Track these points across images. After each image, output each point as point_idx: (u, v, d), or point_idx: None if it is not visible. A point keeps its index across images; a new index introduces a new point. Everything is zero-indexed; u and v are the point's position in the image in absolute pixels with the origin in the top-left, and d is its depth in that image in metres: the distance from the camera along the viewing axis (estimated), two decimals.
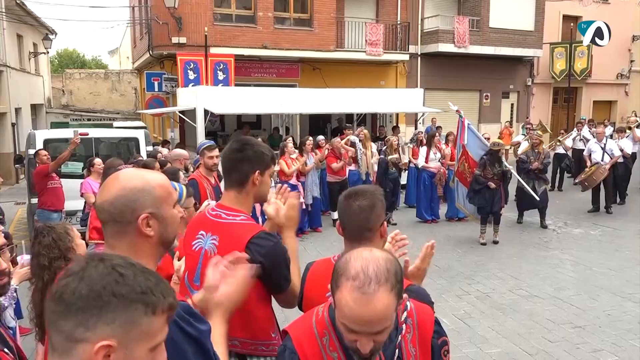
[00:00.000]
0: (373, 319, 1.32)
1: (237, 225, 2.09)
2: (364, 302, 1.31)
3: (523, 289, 6.57)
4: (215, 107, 11.13)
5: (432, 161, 10.32)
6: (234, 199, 2.17)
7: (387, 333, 1.37)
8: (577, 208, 11.32)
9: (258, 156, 2.18)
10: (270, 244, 2.05)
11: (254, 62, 16.59)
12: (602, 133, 10.95)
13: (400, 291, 1.38)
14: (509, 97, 21.92)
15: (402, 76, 19.07)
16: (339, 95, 13.07)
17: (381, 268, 1.35)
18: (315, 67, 17.14)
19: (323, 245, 8.55)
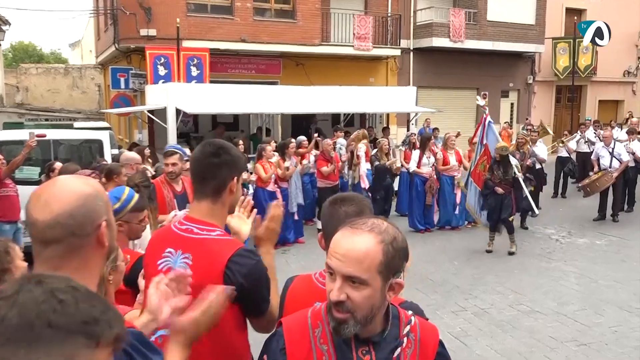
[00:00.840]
0: (350, 252, 1.42)
1: (213, 242, 2.03)
2: (349, 234, 1.46)
3: (524, 304, 6.66)
4: (188, 106, 11.10)
5: (424, 166, 10.43)
6: (207, 211, 2.09)
7: (363, 294, 1.42)
8: (581, 216, 11.51)
9: (236, 160, 2.15)
10: (252, 262, 2.01)
11: (231, 57, 16.60)
12: (609, 136, 11.15)
13: (390, 267, 1.44)
14: (509, 96, 22.22)
15: (393, 73, 19.23)
16: (324, 94, 13.13)
17: (383, 226, 1.47)
18: (298, 63, 17.21)
19: (307, 257, 8.57)
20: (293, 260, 8.59)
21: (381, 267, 1.43)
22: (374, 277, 1.43)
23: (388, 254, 1.44)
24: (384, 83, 18.79)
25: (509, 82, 21.83)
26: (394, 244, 1.46)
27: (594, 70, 22.84)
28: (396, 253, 1.46)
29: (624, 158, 10.91)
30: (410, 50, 19.42)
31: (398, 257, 1.47)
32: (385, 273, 1.44)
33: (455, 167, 10.44)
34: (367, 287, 1.43)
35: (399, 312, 1.61)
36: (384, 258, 1.43)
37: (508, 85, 21.90)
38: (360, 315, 1.44)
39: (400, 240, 1.49)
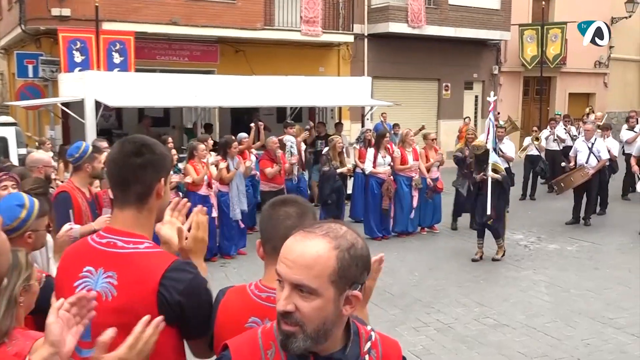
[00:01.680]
0: (299, 258, 1.43)
1: (142, 256, 1.97)
2: (301, 238, 1.47)
3: (490, 317, 6.86)
4: (110, 98, 10.90)
5: (380, 166, 10.58)
6: (131, 220, 2.04)
7: (313, 305, 1.42)
8: (552, 220, 11.93)
9: (161, 159, 2.08)
10: (190, 276, 1.97)
11: (160, 42, 16.36)
12: (591, 131, 11.62)
13: (345, 277, 1.44)
14: (473, 88, 22.82)
15: (346, 62, 19.42)
16: (267, 85, 13.12)
17: (341, 231, 1.48)
18: (238, 50, 17.14)
19: (250, 270, 8.55)
20: (233, 274, 8.55)
21: (334, 275, 1.43)
22: (326, 287, 1.43)
23: (343, 261, 1.44)
24: (336, 73, 18.94)
25: (472, 73, 22.41)
26: (351, 251, 1.46)
27: (564, 60, 23.72)
28: (353, 261, 1.46)
29: (604, 156, 11.36)
30: (365, 37, 19.66)
31: (355, 266, 1.46)
32: (339, 283, 1.44)
33: (414, 166, 10.64)
34: (318, 297, 1.43)
35: (358, 328, 1.62)
36: (337, 266, 1.43)
37: (472, 76, 22.48)
38: (310, 328, 1.44)
39: (360, 248, 1.49)
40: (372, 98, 15.11)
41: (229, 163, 9.37)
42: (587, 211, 11.60)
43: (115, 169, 2.07)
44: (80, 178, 5.28)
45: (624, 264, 8.96)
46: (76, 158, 5.25)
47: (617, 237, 10.65)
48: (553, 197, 13.50)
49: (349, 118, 17.67)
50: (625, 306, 7.17)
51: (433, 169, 10.92)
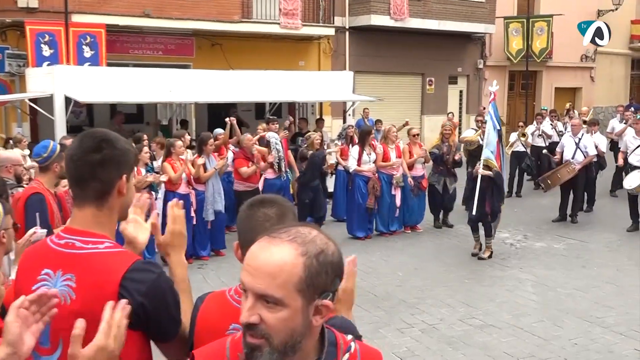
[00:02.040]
0: (263, 266, 1.39)
1: (102, 256, 1.94)
2: (265, 244, 1.43)
3: (476, 318, 6.92)
4: (80, 93, 10.82)
5: (365, 163, 10.61)
6: (91, 219, 2.01)
7: (279, 317, 1.39)
8: (538, 217, 12.07)
9: (123, 155, 2.04)
10: (152, 276, 1.93)
11: (132, 35, 16.23)
12: (578, 125, 11.78)
13: (314, 285, 1.40)
14: (457, 83, 22.96)
15: (327, 56, 19.43)
16: (245, 80, 13.10)
17: (310, 235, 1.44)
18: (214, 43, 17.05)
19: (228, 273, 8.53)
20: (212, 277, 8.53)
21: (301, 284, 1.39)
22: (292, 297, 1.39)
23: (311, 269, 1.40)
24: (316, 67, 18.94)
25: (457, 67, 22.54)
26: (320, 258, 1.42)
27: (550, 54, 23.97)
28: (322, 269, 1.41)
29: (591, 152, 11.53)
30: (346, 30, 19.67)
31: (325, 273, 1.42)
32: (307, 292, 1.40)
33: (396, 164, 10.67)
34: (284, 308, 1.39)
35: (336, 338, 1.59)
36: (305, 274, 1.39)
37: (456, 70, 22.61)
38: (277, 341, 1.40)
39: (331, 254, 1.45)
40: (353, 93, 15.15)
41: (206, 161, 9.34)
42: (574, 208, 11.75)
43: (73, 165, 2.02)
44: (49, 178, 5.21)
45: (611, 262, 9.09)
46: (44, 158, 5.18)
47: (604, 234, 10.79)
48: (539, 194, 13.64)
49: (330, 114, 17.68)
50: (613, 305, 7.28)
51: (418, 166, 10.98)
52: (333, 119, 17.79)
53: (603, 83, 27.15)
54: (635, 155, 10.88)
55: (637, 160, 10.80)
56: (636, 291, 7.74)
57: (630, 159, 10.97)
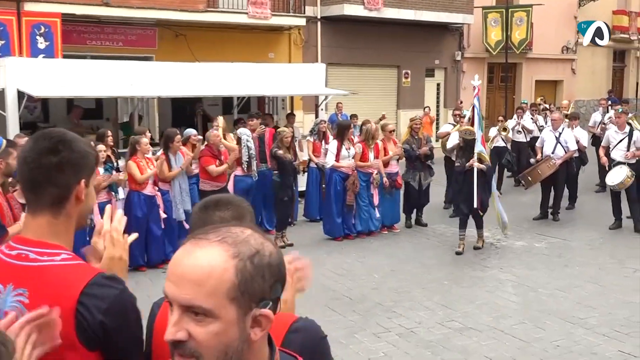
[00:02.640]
0: (187, 272, 1.26)
1: (59, 269, 1.85)
2: (190, 247, 1.30)
3: (456, 320, 6.98)
4: (34, 87, 10.67)
5: (344, 159, 10.62)
6: (46, 228, 1.92)
7: (210, 330, 1.27)
8: (519, 215, 12.20)
9: (82, 157, 1.96)
10: (114, 292, 1.85)
11: (90, 25, 16.04)
12: (559, 120, 11.96)
13: (250, 292, 1.28)
14: (434, 76, 23.14)
15: (298, 47, 19.42)
16: (212, 73, 13.03)
17: (243, 235, 1.32)
18: (178, 34, 16.94)
19: None
20: None
21: (234, 291, 1.26)
22: (224, 306, 1.26)
23: (244, 273, 1.27)
24: (286, 59, 18.93)
25: (434, 59, 22.72)
26: (254, 260, 1.28)
27: (530, 45, 24.27)
28: (258, 273, 1.28)
29: (571, 147, 11.72)
30: (318, 20, 19.69)
31: (262, 278, 1.28)
32: (242, 300, 1.27)
33: (374, 165, 10.68)
34: (215, 320, 1.26)
35: (288, 355, 1.48)
36: (238, 279, 1.26)
37: (433, 63, 22.79)
38: (216, 358, 1.27)
39: (268, 255, 1.31)
40: (326, 87, 15.16)
41: (172, 159, 9.27)
42: (555, 206, 11.92)
43: (26, 169, 1.93)
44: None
45: (594, 261, 9.25)
46: None
47: (586, 232, 10.97)
48: (520, 191, 13.81)
49: (302, 108, 17.69)
50: (596, 305, 7.41)
51: (392, 162, 11.03)
52: (304, 113, 17.80)
53: (585, 75, 27.58)
54: (618, 150, 11.05)
55: (620, 156, 10.96)
56: (619, 290, 7.89)
57: (613, 154, 11.12)
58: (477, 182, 9.47)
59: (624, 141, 11.00)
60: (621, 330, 6.60)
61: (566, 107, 16.08)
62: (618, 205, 11.10)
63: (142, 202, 8.86)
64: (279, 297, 1.34)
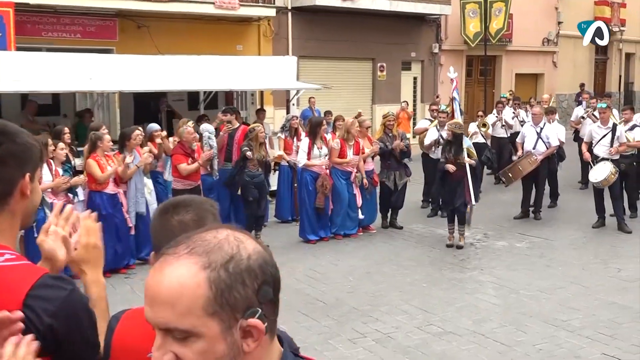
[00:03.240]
0: (157, 294, 1.24)
1: (2, 270, 1.83)
2: (159, 267, 1.27)
3: (434, 325, 7.03)
4: None
5: (316, 158, 10.61)
6: None
7: (195, 350, 1.23)
8: (499, 214, 12.35)
9: (25, 150, 1.94)
10: (63, 293, 1.82)
11: (46, 16, 15.83)
12: (539, 114, 12.11)
13: (230, 303, 1.23)
14: (411, 69, 23.25)
15: (267, 39, 19.37)
16: (177, 66, 12.96)
17: (215, 240, 1.27)
18: (141, 25, 16.79)
19: None
20: (140, 288, 8.39)
21: (211, 306, 1.22)
22: (204, 324, 1.22)
23: (219, 284, 1.22)
24: (256, 52, 18.87)
25: (410, 52, 22.82)
26: (229, 267, 1.23)
27: (508, 37, 24.51)
28: (236, 280, 1.23)
29: (553, 142, 11.87)
30: (288, 10, 19.65)
31: (242, 284, 1.24)
32: (222, 314, 1.22)
33: (353, 161, 10.64)
34: (198, 339, 1.22)
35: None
36: (212, 291, 1.22)
37: (410, 55, 22.89)
38: None
39: (246, 258, 1.26)
40: (298, 80, 15.15)
41: (127, 157, 9.18)
42: (536, 204, 12.05)
43: None
44: None
45: (576, 261, 9.38)
46: None
47: (569, 231, 11.12)
48: (500, 189, 13.95)
49: (272, 104, 17.65)
50: (579, 307, 7.51)
51: (368, 159, 11.05)
52: (275, 109, 17.76)
53: (566, 69, 27.93)
54: (601, 146, 11.17)
55: (603, 152, 11.08)
56: (603, 291, 8.02)
57: (596, 150, 11.23)
58: (464, 178, 9.83)
59: (607, 136, 11.12)
60: (605, 333, 6.70)
61: (547, 101, 16.26)
62: (601, 203, 11.24)
63: (105, 203, 8.77)
64: (273, 300, 1.29)
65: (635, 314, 7.23)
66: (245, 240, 1.30)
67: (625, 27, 29.15)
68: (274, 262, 1.32)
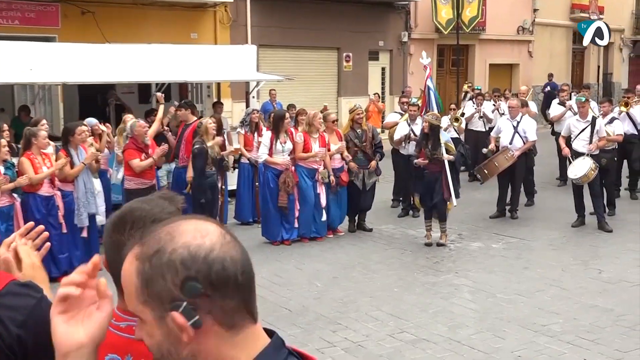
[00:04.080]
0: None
1: None
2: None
3: (408, 332, 7.06)
4: None
5: (278, 154, 10.57)
6: None
7: (143, 332, 1.39)
8: (474, 214, 12.47)
9: None
10: (31, 302, 1.85)
11: None
12: (516, 107, 12.23)
13: (155, 293, 1.33)
14: (379, 59, 23.35)
15: (224, 27, 19.29)
16: (126, 55, 12.86)
17: (162, 232, 1.38)
18: (85, 11, 16.59)
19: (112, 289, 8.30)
20: None
21: (141, 294, 1.36)
22: (141, 310, 1.38)
23: (143, 274, 1.35)
24: (212, 40, 18.78)
25: (378, 41, 22.91)
26: (153, 260, 1.34)
27: (482, 25, 24.75)
28: (157, 272, 1.33)
29: (530, 137, 11.99)
30: None
31: (162, 278, 1.33)
32: (150, 302, 1.35)
33: (319, 155, 10.58)
34: (143, 322, 1.40)
35: None
36: (139, 281, 1.36)
37: (377, 45, 22.98)
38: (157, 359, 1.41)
39: (169, 252, 1.33)
40: (258, 71, 15.12)
41: (73, 155, 9.06)
42: (513, 202, 12.19)
43: None
44: None
45: (556, 262, 9.50)
46: None
47: (547, 231, 11.26)
48: (475, 187, 14.08)
49: (230, 96, 17.61)
50: (559, 311, 7.61)
51: (336, 156, 10.95)
52: (233, 102, 17.72)
53: (542, 59, 28.29)
54: (580, 140, 11.32)
55: (582, 146, 11.22)
56: (584, 294, 8.15)
57: (575, 145, 11.38)
58: (444, 173, 10.02)
59: (586, 131, 11.27)
60: (587, 337, 6.81)
61: (525, 93, 16.46)
62: (581, 201, 11.38)
63: (39, 205, 8.63)
64: (206, 294, 1.33)
65: (618, 317, 7.36)
66: (183, 234, 1.36)
67: (604, 15, 29.63)
68: (215, 256, 1.36)
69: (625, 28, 33.62)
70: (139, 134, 9.76)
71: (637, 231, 10.98)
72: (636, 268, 9.08)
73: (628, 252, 9.88)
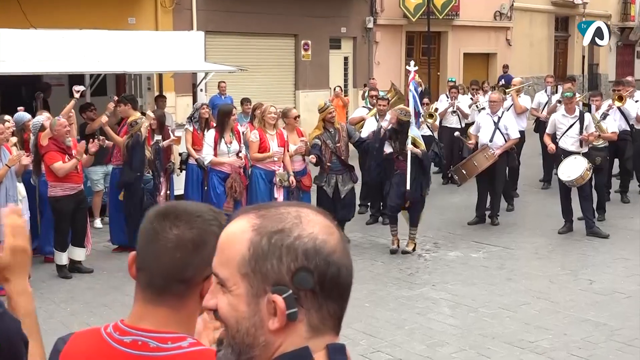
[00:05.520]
0: (219, 241, 1.51)
1: None
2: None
3: (382, 351, 7.11)
4: None
5: (223, 155, 10.56)
6: None
7: (225, 301, 1.45)
8: (450, 220, 12.58)
9: None
10: None
11: None
12: (498, 101, 12.33)
13: (261, 271, 1.41)
14: (341, 47, 23.40)
15: (166, 11, 19.19)
16: (55, 43, 12.73)
17: (284, 212, 1.47)
18: None
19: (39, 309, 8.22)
20: None
21: (244, 266, 1.42)
22: (235, 281, 1.44)
23: (257, 248, 1.41)
24: (153, 26, 18.67)
25: (340, 27, 22.96)
26: (273, 238, 1.41)
27: (455, 10, 24.97)
28: (273, 252, 1.40)
29: (512, 134, 12.08)
30: None
31: (278, 259, 1.40)
32: (252, 278, 1.41)
33: (277, 155, 10.47)
34: (229, 292, 1.45)
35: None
36: (250, 253, 1.42)
37: (339, 31, 23.02)
38: (230, 333, 1.46)
39: (295, 237, 1.41)
40: (205, 61, 15.06)
41: None
42: (493, 207, 12.26)
43: None
44: None
45: (542, 273, 9.65)
46: None
47: (532, 238, 11.42)
48: (451, 190, 14.20)
49: (174, 89, 17.52)
50: (548, 325, 7.72)
51: (297, 158, 10.84)
52: (178, 96, 17.64)
53: (522, 47, 28.62)
54: (568, 137, 11.45)
55: (571, 144, 11.38)
56: (574, 307, 8.28)
57: (562, 143, 11.52)
58: (411, 169, 10.19)
59: (574, 127, 11.41)
60: (579, 354, 6.93)
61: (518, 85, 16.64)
62: (569, 205, 11.46)
63: None
64: (313, 290, 1.42)
65: (612, 332, 7.50)
66: (311, 224, 1.45)
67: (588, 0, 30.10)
68: (335, 259, 1.44)
69: (612, 14, 33.97)
70: (59, 133, 9.55)
71: (629, 238, 11.19)
72: (629, 278, 9.27)
73: (620, 260, 10.07)
